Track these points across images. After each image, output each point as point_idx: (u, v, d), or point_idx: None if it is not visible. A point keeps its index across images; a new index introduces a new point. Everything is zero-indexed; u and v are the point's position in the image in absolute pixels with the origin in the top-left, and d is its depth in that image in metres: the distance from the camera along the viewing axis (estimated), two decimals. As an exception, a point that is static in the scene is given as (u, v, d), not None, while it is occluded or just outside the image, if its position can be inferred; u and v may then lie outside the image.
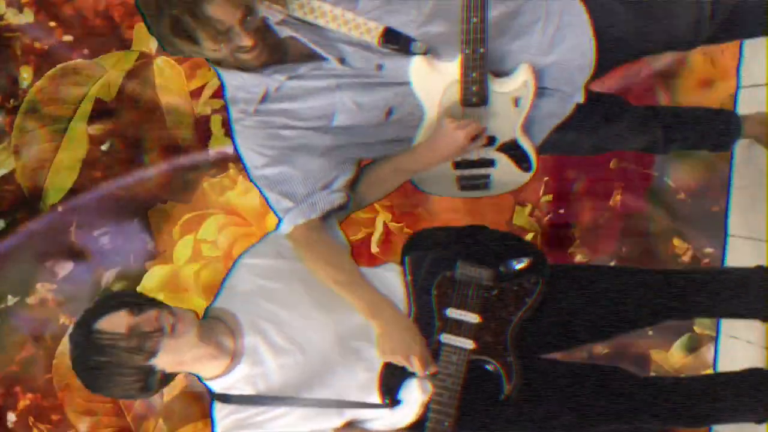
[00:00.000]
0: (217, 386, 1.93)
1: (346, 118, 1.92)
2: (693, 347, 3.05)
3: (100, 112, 3.28)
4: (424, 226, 2.70)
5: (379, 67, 1.89)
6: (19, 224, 3.32)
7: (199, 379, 1.95)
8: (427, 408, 1.89)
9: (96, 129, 3.31)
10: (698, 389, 2.18)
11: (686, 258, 3.07)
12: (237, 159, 2.02)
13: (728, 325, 2.79)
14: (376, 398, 1.90)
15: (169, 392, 3.26)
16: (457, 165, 2.08)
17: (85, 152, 3.30)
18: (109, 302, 1.87)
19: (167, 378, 1.88)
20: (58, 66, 3.26)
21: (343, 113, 1.91)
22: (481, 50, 1.82)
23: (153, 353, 1.79)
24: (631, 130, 2.31)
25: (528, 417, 1.97)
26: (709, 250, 3.01)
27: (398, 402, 1.90)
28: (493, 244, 2.08)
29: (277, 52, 1.87)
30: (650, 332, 2.97)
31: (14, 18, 3.28)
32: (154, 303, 1.87)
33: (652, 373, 3.03)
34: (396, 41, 1.85)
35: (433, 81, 1.90)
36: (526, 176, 2.12)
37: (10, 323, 3.31)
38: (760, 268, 2.24)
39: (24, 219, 3.32)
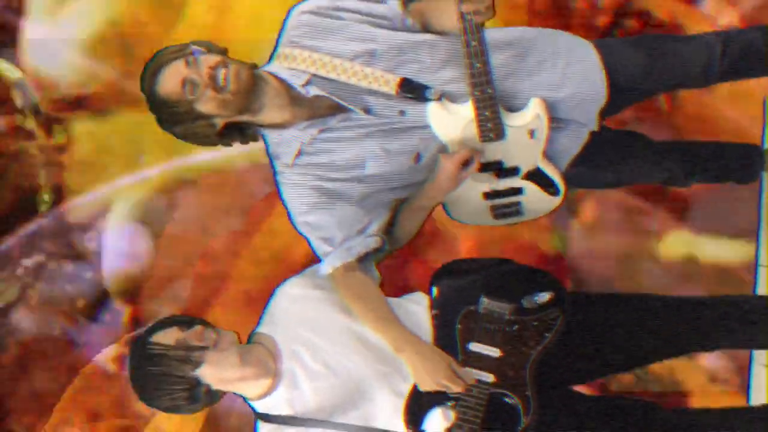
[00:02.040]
0: (260, 406, 2.11)
1: (377, 165, 2.07)
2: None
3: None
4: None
5: (402, 113, 2.05)
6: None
7: (245, 399, 2.13)
8: None
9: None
10: (730, 423, 2.23)
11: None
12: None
13: (760, 353, 2.82)
14: (401, 425, 2.04)
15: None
16: (487, 196, 2.21)
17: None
18: (164, 320, 2.10)
19: (213, 395, 2.07)
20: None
21: (373, 161, 2.07)
22: (489, 91, 1.96)
23: (197, 364, 1.98)
24: (649, 166, 2.39)
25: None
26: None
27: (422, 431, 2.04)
28: (516, 276, 2.18)
29: (309, 109, 2.04)
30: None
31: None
32: (200, 321, 2.08)
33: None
34: (411, 90, 2.00)
35: (451, 122, 2.05)
36: (556, 200, 2.23)
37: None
38: None
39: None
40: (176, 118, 2.02)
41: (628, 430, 2.14)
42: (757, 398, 2.83)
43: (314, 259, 2.18)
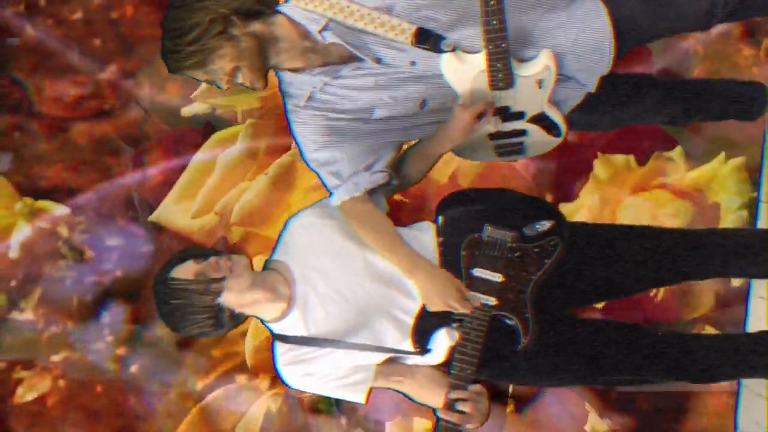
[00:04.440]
0: (277, 328, 2.25)
1: (384, 111, 2.15)
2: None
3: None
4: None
5: (413, 63, 2.11)
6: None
7: (262, 321, 2.27)
8: (453, 351, 2.15)
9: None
10: (717, 347, 2.35)
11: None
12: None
13: (759, 284, 2.91)
14: (409, 344, 2.19)
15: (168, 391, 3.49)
16: (492, 136, 2.29)
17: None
18: (177, 256, 2.22)
19: (236, 318, 2.21)
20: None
21: (381, 108, 2.15)
22: (503, 46, 2.01)
23: (218, 293, 2.12)
24: (652, 109, 2.42)
25: (541, 366, 2.21)
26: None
27: (428, 351, 2.18)
28: (518, 205, 2.30)
29: (322, 56, 2.10)
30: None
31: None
32: (213, 252, 2.22)
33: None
34: (426, 40, 2.05)
35: (463, 71, 2.10)
36: (557, 140, 2.30)
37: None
38: None
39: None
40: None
41: (617, 348, 2.26)
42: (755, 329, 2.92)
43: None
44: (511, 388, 3.36)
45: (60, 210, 3.52)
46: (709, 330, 3.22)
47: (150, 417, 3.50)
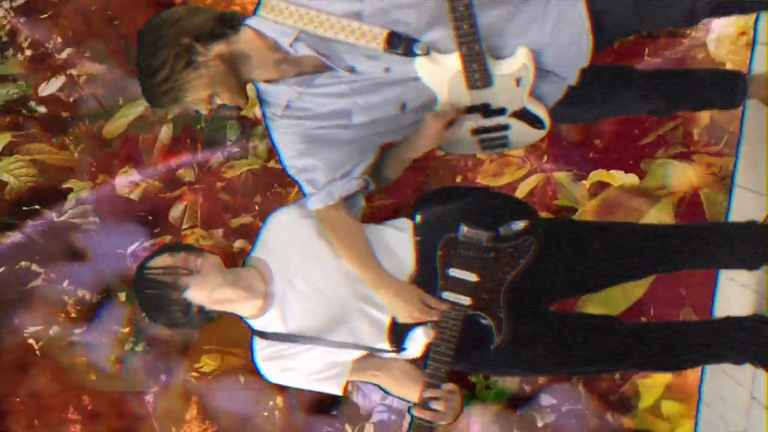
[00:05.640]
0: (257, 324, 2.28)
1: (363, 116, 2.15)
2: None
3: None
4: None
5: (387, 69, 2.09)
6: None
7: (242, 318, 2.30)
8: (428, 348, 2.19)
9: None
10: (689, 333, 2.40)
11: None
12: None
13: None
14: (385, 342, 2.23)
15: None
16: (475, 131, 2.28)
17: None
18: (160, 248, 2.27)
19: (208, 314, 2.23)
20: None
21: (359, 113, 2.15)
22: (476, 47, 2.00)
23: (183, 289, 2.15)
24: (634, 100, 2.42)
25: (515, 359, 2.26)
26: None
27: (404, 349, 2.22)
28: (493, 204, 2.33)
29: (295, 66, 2.10)
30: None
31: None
32: (188, 248, 2.25)
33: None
34: (399, 44, 2.03)
35: (439, 73, 2.09)
36: (542, 132, 2.29)
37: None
38: (751, 223, 2.44)
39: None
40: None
41: (593, 339, 2.31)
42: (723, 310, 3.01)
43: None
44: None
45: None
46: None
47: (149, 417, 3.53)
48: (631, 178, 3.40)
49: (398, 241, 2.25)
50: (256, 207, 3.56)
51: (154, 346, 3.53)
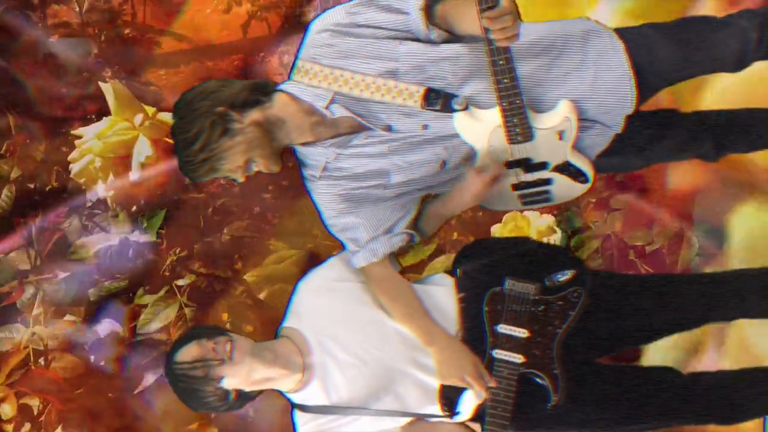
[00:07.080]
0: (297, 398, 2.18)
1: (402, 176, 2.11)
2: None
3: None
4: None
5: (425, 126, 2.05)
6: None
7: (282, 393, 2.20)
8: (479, 409, 2.09)
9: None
10: (745, 382, 2.30)
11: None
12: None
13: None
14: (436, 406, 2.12)
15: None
16: (516, 187, 2.21)
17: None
18: (185, 335, 2.18)
19: (246, 396, 2.13)
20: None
21: (398, 173, 2.10)
22: (518, 102, 1.95)
23: (218, 379, 2.05)
24: (680, 146, 2.33)
25: (571, 418, 2.15)
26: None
27: (457, 413, 2.12)
28: (536, 254, 2.25)
29: (332, 128, 2.06)
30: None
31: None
32: (215, 332, 2.13)
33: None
34: (437, 101, 1.99)
35: (479, 128, 2.04)
36: (586, 186, 2.21)
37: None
38: None
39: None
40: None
41: (650, 394, 2.21)
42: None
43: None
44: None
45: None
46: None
47: (149, 417, 3.45)
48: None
49: (441, 299, 2.18)
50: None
51: (155, 346, 3.46)
